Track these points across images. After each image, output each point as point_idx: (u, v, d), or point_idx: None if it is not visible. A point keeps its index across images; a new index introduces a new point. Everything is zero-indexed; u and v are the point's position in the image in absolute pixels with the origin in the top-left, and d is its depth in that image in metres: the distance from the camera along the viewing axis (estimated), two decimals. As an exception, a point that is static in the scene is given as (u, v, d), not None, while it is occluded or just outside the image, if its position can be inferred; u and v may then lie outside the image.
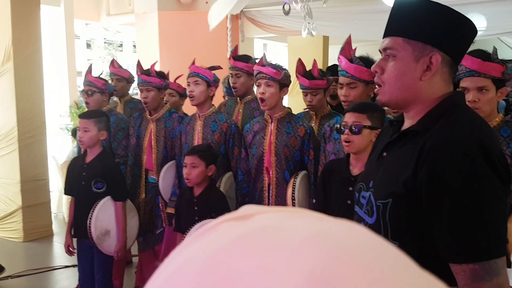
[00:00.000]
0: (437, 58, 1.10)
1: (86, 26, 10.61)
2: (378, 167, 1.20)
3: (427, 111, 1.13)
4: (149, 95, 3.04)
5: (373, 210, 1.16)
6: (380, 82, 1.16)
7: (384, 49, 1.16)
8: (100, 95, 3.33)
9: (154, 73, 3.08)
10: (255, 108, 3.17)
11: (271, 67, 2.54)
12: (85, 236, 2.72)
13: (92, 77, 3.35)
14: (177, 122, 3.09)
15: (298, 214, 0.30)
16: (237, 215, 0.29)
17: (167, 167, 3.06)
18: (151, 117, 3.15)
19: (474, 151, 1.02)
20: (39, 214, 4.62)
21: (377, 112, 1.99)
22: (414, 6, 1.14)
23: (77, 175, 2.79)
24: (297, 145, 2.57)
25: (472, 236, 1.01)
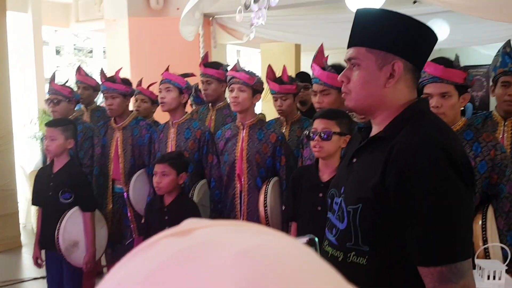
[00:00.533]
0: (399, 66, 1.14)
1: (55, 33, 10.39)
2: (348, 173, 1.23)
3: (393, 118, 1.16)
4: (114, 102, 2.99)
5: (344, 215, 1.18)
6: (347, 90, 1.20)
7: (349, 59, 1.20)
8: (67, 104, 3.26)
9: (119, 80, 3.03)
10: (227, 114, 3.18)
11: (244, 72, 2.57)
12: (54, 248, 2.66)
13: (57, 85, 3.29)
14: (145, 130, 3.05)
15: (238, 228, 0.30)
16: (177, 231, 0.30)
17: (137, 177, 3.01)
18: (117, 125, 3.09)
19: (439, 156, 1.05)
20: (7, 225, 4.49)
21: (345, 118, 2.04)
22: (374, 16, 1.19)
23: (45, 185, 2.73)
24: (269, 152, 2.59)
25: (439, 239, 1.03)
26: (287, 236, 0.31)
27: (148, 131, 3.04)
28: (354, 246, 1.14)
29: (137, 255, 0.29)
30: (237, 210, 2.64)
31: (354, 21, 1.20)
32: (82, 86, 3.66)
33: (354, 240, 1.14)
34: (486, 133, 2.00)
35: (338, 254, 1.19)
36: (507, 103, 2.29)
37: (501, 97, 2.29)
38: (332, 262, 1.17)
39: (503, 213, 1.93)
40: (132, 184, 2.99)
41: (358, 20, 1.20)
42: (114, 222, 3.11)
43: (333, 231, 1.23)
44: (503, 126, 2.34)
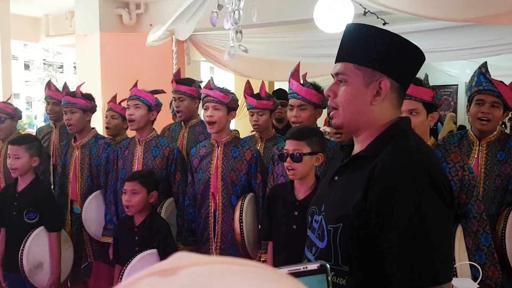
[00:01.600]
0: (386, 84, 1.14)
1: (25, 47, 10.17)
2: (330, 191, 1.22)
3: (376, 136, 1.16)
4: (73, 117, 2.90)
5: (324, 234, 1.17)
6: (334, 105, 1.19)
7: (336, 74, 1.19)
8: (11, 121, 3.23)
9: (79, 94, 2.95)
10: (200, 132, 3.13)
11: (218, 90, 2.54)
12: (16, 270, 2.54)
13: (1, 103, 3.27)
14: (103, 149, 2.95)
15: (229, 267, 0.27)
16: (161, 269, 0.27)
17: (91, 199, 2.89)
18: (76, 144, 2.99)
19: (421, 176, 1.04)
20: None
21: (315, 136, 2.03)
22: (364, 33, 1.18)
23: (8, 205, 2.62)
24: (244, 169, 2.55)
25: (419, 261, 1.02)
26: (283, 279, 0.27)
27: (106, 150, 2.94)
28: (334, 266, 1.11)
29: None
30: (210, 230, 2.58)
31: (343, 36, 1.20)
32: (52, 101, 3.55)
33: (334, 259, 1.12)
34: (454, 154, 2.03)
35: None
36: (480, 122, 2.33)
37: (475, 115, 2.34)
38: None
39: (471, 232, 1.96)
40: (85, 206, 2.87)
41: (347, 35, 1.20)
42: (73, 243, 2.98)
43: (312, 250, 1.21)
44: (478, 146, 2.38)
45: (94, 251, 2.95)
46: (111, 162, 2.90)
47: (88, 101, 2.98)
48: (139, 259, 2.32)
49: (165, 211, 2.71)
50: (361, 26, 1.21)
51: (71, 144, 3.03)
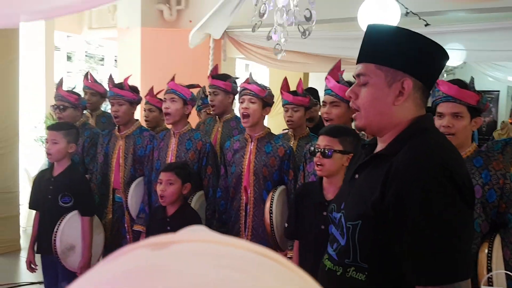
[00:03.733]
0: (409, 83, 1.13)
1: (68, 39, 10.52)
2: (350, 189, 1.22)
3: (396, 135, 1.15)
4: (121, 109, 2.96)
5: (343, 231, 1.17)
6: (356, 107, 1.19)
7: (358, 75, 1.19)
8: (73, 110, 3.25)
9: (127, 87, 3.00)
10: (234, 127, 3.16)
11: (256, 84, 2.59)
12: (49, 252, 2.62)
13: (64, 91, 3.28)
14: (148, 140, 2.99)
15: (221, 250, 0.27)
16: (158, 241, 0.28)
17: (136, 184, 2.95)
18: (120, 134, 3.04)
19: (439, 173, 1.04)
20: (7, 227, 4.45)
21: (349, 136, 2.00)
22: (385, 33, 1.18)
23: (44, 189, 2.70)
24: (276, 165, 2.56)
25: (436, 258, 1.01)
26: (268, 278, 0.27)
27: (151, 142, 2.99)
28: (353, 262, 1.13)
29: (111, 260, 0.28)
30: (241, 223, 2.61)
31: (364, 37, 1.20)
32: (90, 92, 3.65)
33: (352, 256, 1.13)
34: (496, 161, 1.96)
35: (337, 268, 1.18)
36: None
37: None
38: (330, 276, 1.17)
39: (509, 243, 1.88)
40: (130, 192, 2.93)
41: (368, 36, 1.19)
42: (113, 232, 3.05)
43: (334, 246, 1.23)
44: None
45: (135, 239, 2.99)
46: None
47: (135, 93, 3.03)
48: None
49: (194, 204, 2.74)
50: (381, 26, 1.22)
51: (114, 133, 3.09)
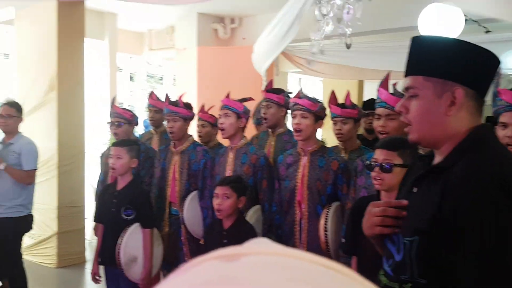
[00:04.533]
0: (460, 92, 1.09)
1: (130, 60, 11.09)
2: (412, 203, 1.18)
3: (454, 146, 1.12)
4: (175, 125, 3.07)
5: (400, 247, 1.14)
6: (407, 121, 1.17)
7: (406, 88, 1.17)
8: (128, 126, 3.42)
9: (181, 104, 3.13)
10: (287, 141, 3.16)
11: (307, 99, 2.57)
12: (113, 263, 2.72)
13: (120, 108, 3.47)
14: (201, 155, 3.08)
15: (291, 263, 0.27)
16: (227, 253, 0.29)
17: (191, 198, 3.04)
18: (176, 149, 3.15)
19: (497, 188, 1.00)
20: (73, 240, 4.70)
21: (408, 148, 1.92)
22: (430, 43, 1.16)
23: (108, 202, 2.83)
24: (330, 179, 2.52)
25: (494, 276, 0.98)
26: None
27: (204, 156, 3.07)
28: (411, 278, 1.09)
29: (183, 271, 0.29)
30: (296, 238, 2.58)
31: (410, 49, 1.18)
32: (154, 109, 3.83)
33: (410, 273, 1.10)
34: None
35: (393, 284, 1.15)
36: None
37: None
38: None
39: None
40: (186, 206, 3.02)
41: (414, 48, 1.18)
42: (170, 245, 3.14)
43: (389, 261, 1.19)
44: None
45: (191, 251, 3.07)
46: (209, 168, 3.03)
47: (189, 110, 3.15)
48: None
49: (250, 218, 2.75)
50: (426, 37, 1.22)
51: (170, 149, 3.21)
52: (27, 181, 3.42)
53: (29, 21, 4.78)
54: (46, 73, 4.56)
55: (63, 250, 4.61)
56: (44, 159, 4.55)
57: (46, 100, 4.59)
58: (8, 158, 3.32)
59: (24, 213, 3.40)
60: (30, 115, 4.66)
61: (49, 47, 4.55)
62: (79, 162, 4.76)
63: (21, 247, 3.50)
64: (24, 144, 3.44)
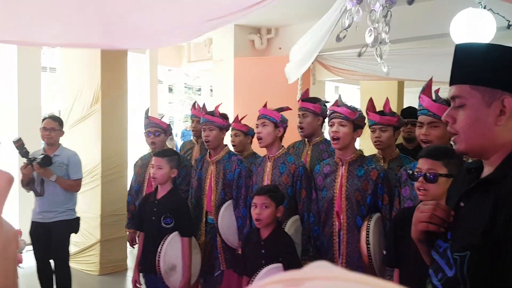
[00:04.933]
0: (510, 102, 1.06)
1: (169, 72, 11.38)
2: (455, 218, 1.15)
3: (504, 157, 1.08)
4: (211, 134, 3.13)
5: (450, 262, 1.11)
6: (454, 131, 1.14)
7: (452, 97, 1.14)
8: (164, 136, 3.54)
9: (217, 114, 3.19)
10: (323, 150, 3.12)
11: (345, 107, 2.52)
12: (153, 271, 2.78)
13: (156, 119, 3.61)
14: (236, 165, 3.11)
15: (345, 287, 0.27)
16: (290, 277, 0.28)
17: (225, 207, 3.07)
18: (211, 159, 3.20)
19: None
20: (115, 248, 4.83)
21: (453, 158, 1.85)
22: (476, 51, 1.13)
23: (148, 211, 2.90)
24: (370, 189, 2.46)
25: None
26: None
27: (238, 166, 3.11)
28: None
29: None
30: (334, 249, 2.53)
31: (454, 57, 1.15)
32: (196, 120, 3.91)
33: None
34: None
35: None
36: None
37: None
38: None
39: None
40: (220, 215, 3.06)
41: (458, 56, 1.14)
42: (206, 253, 3.18)
43: (438, 275, 1.15)
44: None
45: (227, 260, 3.11)
46: (243, 177, 3.06)
47: (224, 120, 3.21)
48: (265, 272, 2.38)
49: (289, 229, 2.74)
50: (471, 45, 1.16)
51: (206, 159, 3.28)
52: (75, 189, 3.72)
53: (75, 37, 5.00)
54: (90, 86, 4.75)
55: (105, 258, 4.74)
56: (88, 169, 4.73)
57: (90, 112, 4.78)
58: (56, 169, 3.56)
59: (74, 216, 3.73)
60: (75, 126, 4.87)
61: (93, 61, 4.74)
62: (122, 171, 4.90)
63: (69, 247, 3.79)
64: (71, 156, 3.71)
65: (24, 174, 3.47)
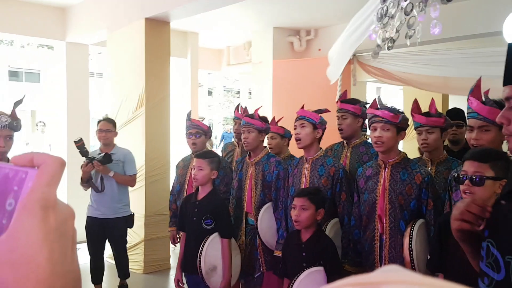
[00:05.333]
0: None
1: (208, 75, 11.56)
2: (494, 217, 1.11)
3: None
4: (250, 136, 3.17)
5: (499, 265, 1.06)
6: (509, 132, 1.11)
7: (507, 98, 1.11)
8: (204, 137, 3.65)
9: (256, 116, 3.23)
10: (363, 152, 3.06)
11: (387, 110, 2.46)
12: (194, 271, 2.83)
13: (198, 121, 3.72)
14: (274, 166, 3.13)
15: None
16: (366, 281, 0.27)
17: (265, 209, 3.09)
18: (251, 161, 3.24)
19: None
20: (158, 247, 4.96)
21: (501, 160, 1.79)
22: None
23: (190, 211, 2.96)
24: (413, 193, 2.40)
25: None
26: None
27: (277, 168, 3.12)
28: None
29: None
30: (376, 254, 2.49)
31: (507, 56, 1.11)
32: (238, 121, 3.97)
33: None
34: None
35: None
36: None
37: None
38: None
39: None
40: (260, 217, 3.08)
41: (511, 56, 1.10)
42: (246, 254, 3.22)
43: (485, 280, 1.11)
44: None
45: (267, 262, 3.13)
46: (282, 179, 3.07)
47: (264, 122, 3.25)
48: (306, 275, 2.38)
49: (329, 232, 2.72)
50: None
51: (246, 160, 3.32)
52: (132, 184, 4.01)
53: (120, 42, 5.19)
54: (135, 90, 4.92)
55: (149, 257, 4.88)
56: (134, 170, 4.88)
57: (135, 116, 4.94)
58: (113, 166, 3.82)
59: (130, 212, 4.03)
60: (121, 129, 5.05)
61: (138, 66, 4.90)
62: (164, 172, 5.03)
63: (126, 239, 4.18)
64: (126, 154, 4.00)
65: (84, 171, 3.72)
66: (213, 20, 6.12)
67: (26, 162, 0.39)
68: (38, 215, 0.36)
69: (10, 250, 0.35)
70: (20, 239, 0.35)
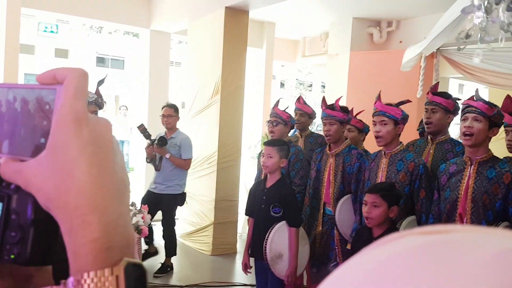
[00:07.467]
0: None
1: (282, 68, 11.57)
2: None
3: None
4: (332, 128, 3.11)
5: None
6: None
7: None
8: (283, 126, 3.62)
9: (338, 108, 3.16)
10: (448, 149, 2.88)
11: (482, 102, 2.32)
12: (261, 257, 2.86)
13: (279, 109, 3.69)
14: (356, 158, 3.07)
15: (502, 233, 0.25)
16: (427, 230, 0.27)
17: (343, 201, 3.05)
18: (331, 152, 3.19)
19: None
20: (226, 231, 5.08)
21: None
22: None
23: (258, 199, 2.99)
24: (500, 194, 2.23)
25: None
26: None
27: (359, 160, 3.06)
28: None
29: (375, 247, 0.27)
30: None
31: None
32: (300, 113, 3.94)
33: None
34: None
35: None
36: None
37: None
38: None
39: None
40: (338, 208, 3.05)
41: None
42: (321, 243, 3.20)
43: None
44: None
45: (343, 253, 3.10)
46: (363, 171, 3.01)
47: (345, 114, 3.18)
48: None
49: (403, 229, 2.62)
50: None
51: (325, 151, 3.28)
52: (185, 167, 4.34)
53: (200, 30, 5.34)
54: (212, 78, 5.05)
55: (218, 240, 5.02)
56: (206, 155, 5.04)
57: (211, 103, 5.08)
58: (171, 149, 4.22)
59: (180, 191, 4.37)
60: (197, 116, 5.22)
61: (216, 54, 5.02)
62: (235, 160, 5.14)
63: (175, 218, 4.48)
64: (183, 139, 4.34)
65: (147, 152, 4.23)
66: (291, 10, 6.09)
67: (50, 79, 0.39)
68: (71, 128, 0.36)
69: (50, 166, 0.36)
70: (58, 155, 0.36)
